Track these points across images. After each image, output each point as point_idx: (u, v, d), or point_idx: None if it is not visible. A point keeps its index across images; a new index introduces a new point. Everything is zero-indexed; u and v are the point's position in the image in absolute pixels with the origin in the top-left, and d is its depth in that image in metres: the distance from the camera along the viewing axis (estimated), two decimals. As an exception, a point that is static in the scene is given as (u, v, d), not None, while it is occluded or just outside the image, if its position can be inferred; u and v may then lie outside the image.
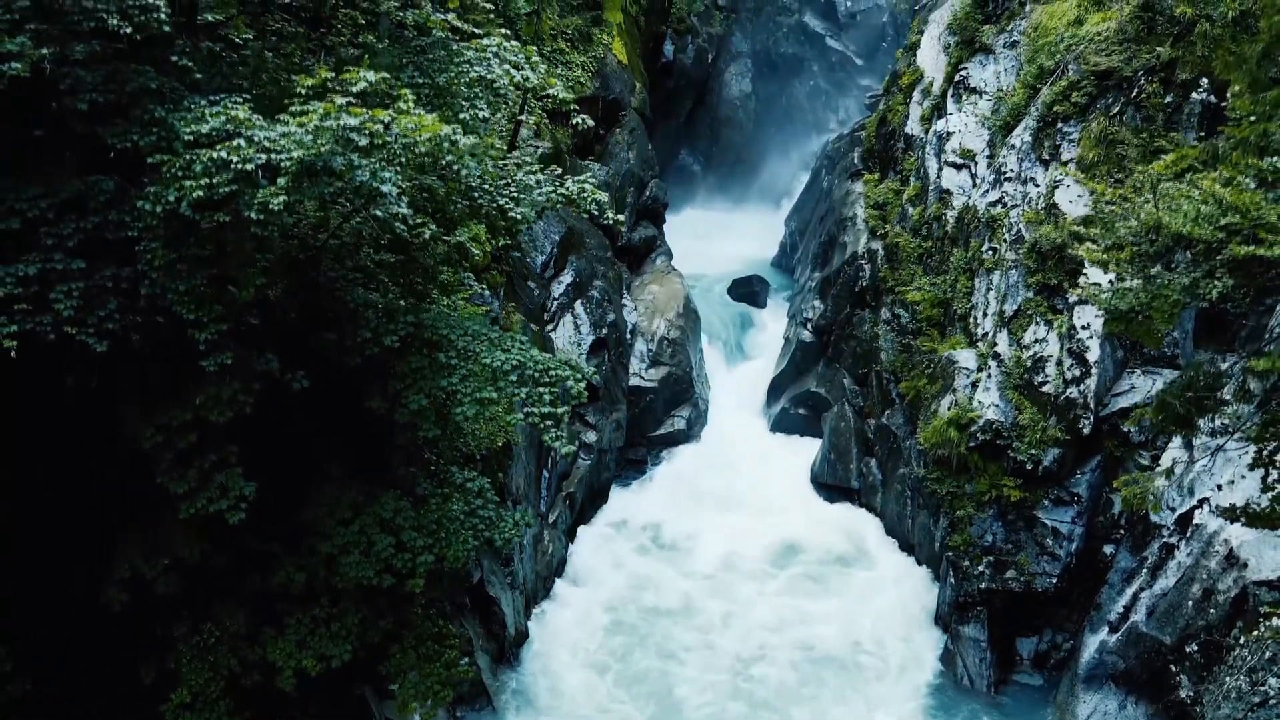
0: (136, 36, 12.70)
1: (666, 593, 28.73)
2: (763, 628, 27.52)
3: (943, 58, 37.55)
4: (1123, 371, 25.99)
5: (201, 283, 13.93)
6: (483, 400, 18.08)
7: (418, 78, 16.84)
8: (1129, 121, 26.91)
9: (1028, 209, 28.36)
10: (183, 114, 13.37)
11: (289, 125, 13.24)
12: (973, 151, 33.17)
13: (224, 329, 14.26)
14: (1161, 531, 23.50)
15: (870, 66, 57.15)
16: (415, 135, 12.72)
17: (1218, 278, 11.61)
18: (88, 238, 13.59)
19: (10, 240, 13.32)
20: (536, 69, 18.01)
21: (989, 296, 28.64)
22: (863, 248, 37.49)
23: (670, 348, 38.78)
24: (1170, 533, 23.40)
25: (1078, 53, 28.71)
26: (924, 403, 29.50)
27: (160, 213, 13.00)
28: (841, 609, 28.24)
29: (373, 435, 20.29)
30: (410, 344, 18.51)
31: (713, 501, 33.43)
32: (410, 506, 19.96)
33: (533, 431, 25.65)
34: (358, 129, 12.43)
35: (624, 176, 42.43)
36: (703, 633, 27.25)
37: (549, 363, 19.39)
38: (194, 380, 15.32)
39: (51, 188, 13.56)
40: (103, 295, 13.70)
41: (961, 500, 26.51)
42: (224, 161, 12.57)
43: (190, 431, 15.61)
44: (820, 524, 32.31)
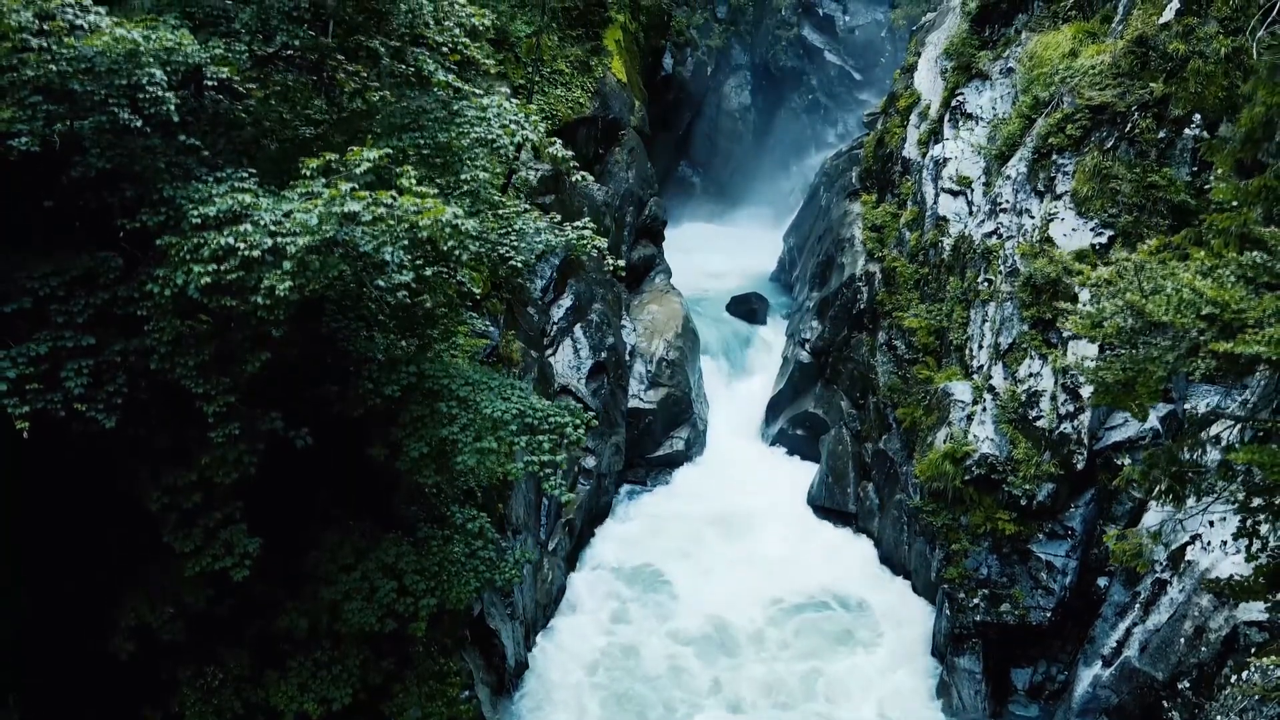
0: (147, 130, 12.95)
1: (651, 660, 28.25)
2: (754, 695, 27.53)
3: (939, 81, 37.81)
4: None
5: (208, 357, 14.20)
6: (483, 450, 18.35)
7: (419, 138, 17.10)
8: (1123, 156, 27.14)
9: (1023, 241, 28.62)
10: (190, 192, 13.65)
11: (293, 200, 13.54)
12: (969, 178, 33.43)
13: (231, 401, 14.53)
14: (1154, 567, 23.76)
15: (868, 81, 57.41)
16: (418, 219, 12.98)
17: (1201, 358, 11.89)
18: (97, 313, 13.87)
19: (22, 318, 13.60)
20: (536, 128, 18.29)
21: (984, 328, 28.92)
22: (860, 270, 37.75)
23: (669, 369, 39.01)
24: (1163, 568, 23.68)
25: (1072, 85, 28.91)
26: (920, 433, 29.79)
27: (169, 295, 13.28)
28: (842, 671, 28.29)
29: (375, 478, 20.59)
30: (411, 393, 18.80)
31: (710, 529, 33.55)
32: (412, 550, 20.29)
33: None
34: (362, 214, 12.69)
35: (623, 196, 42.63)
36: (693, 694, 27.30)
37: (548, 409, 19.68)
38: (199, 442, 15.61)
39: (61, 264, 13.86)
40: (111, 370, 14.00)
41: (957, 533, 26.80)
42: (231, 248, 12.85)
43: (196, 491, 15.93)
44: (818, 557, 32.37)
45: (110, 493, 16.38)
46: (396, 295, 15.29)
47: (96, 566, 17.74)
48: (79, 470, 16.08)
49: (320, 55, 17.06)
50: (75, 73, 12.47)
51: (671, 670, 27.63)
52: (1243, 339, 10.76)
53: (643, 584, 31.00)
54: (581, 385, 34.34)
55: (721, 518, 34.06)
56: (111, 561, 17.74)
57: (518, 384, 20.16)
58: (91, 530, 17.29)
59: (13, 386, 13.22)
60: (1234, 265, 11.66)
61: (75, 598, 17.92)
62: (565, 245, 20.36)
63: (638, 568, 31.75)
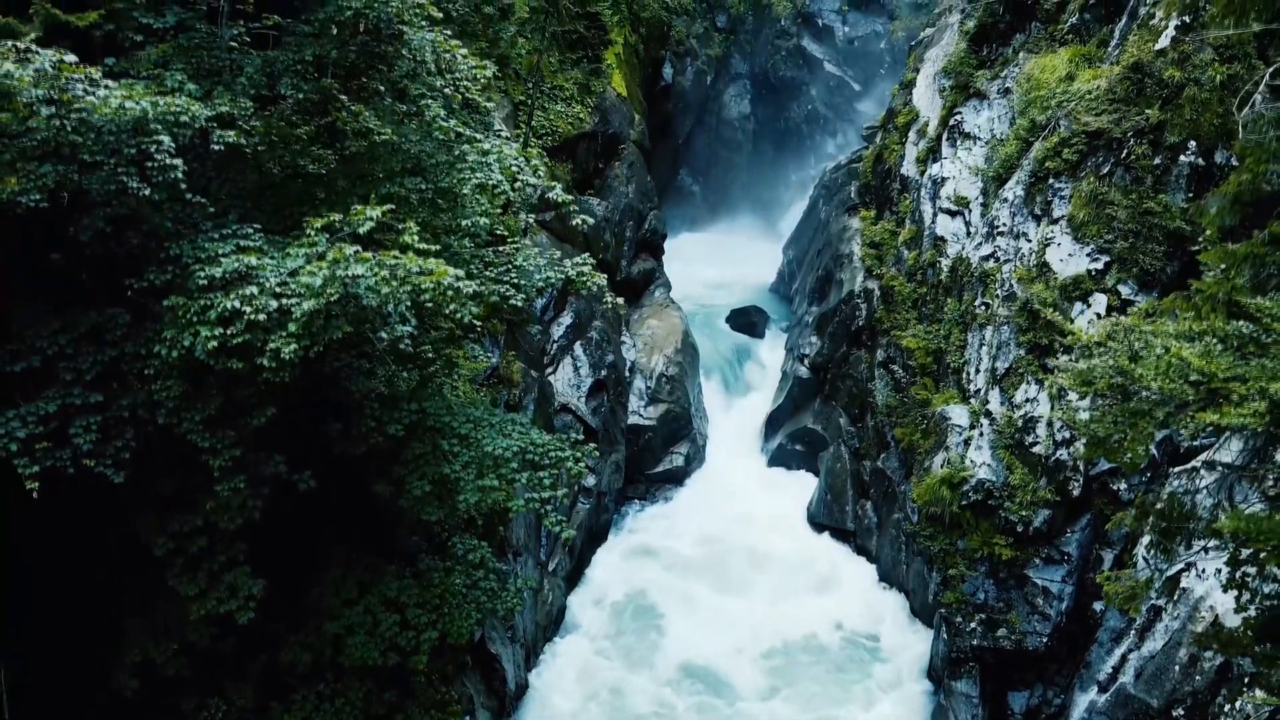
0: (155, 196, 13.15)
1: (644, 696, 28.24)
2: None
3: (938, 99, 38.00)
4: (1112, 431, 26.44)
5: (215, 411, 14.41)
6: (484, 488, 18.59)
7: (421, 182, 17.30)
8: (1119, 182, 27.31)
9: (1019, 265, 28.81)
10: (197, 251, 13.85)
11: (297, 257, 13.75)
12: (967, 199, 33.61)
13: (237, 455, 14.74)
14: (1150, 593, 23.95)
15: (868, 92, 57.58)
16: (421, 281, 13.18)
17: (1190, 415, 12.09)
18: (105, 370, 14.08)
19: (31, 376, 13.81)
20: (536, 172, 18.49)
21: (981, 352, 29.12)
22: (859, 287, 37.96)
23: (669, 384, 39.21)
24: (1158, 594, 23.87)
25: (1069, 109, 29.07)
26: (918, 457, 30.00)
27: (176, 357, 13.48)
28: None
29: (377, 511, 20.79)
30: (414, 430, 19.00)
31: (708, 550, 33.66)
32: (414, 582, 20.53)
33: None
34: (365, 277, 12.90)
35: (623, 211, 42.85)
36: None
37: (549, 444, 19.90)
38: (204, 487, 15.82)
39: (70, 321, 14.06)
40: (119, 426, 14.21)
41: (954, 557, 27.02)
42: (237, 311, 13.06)
43: (201, 536, 16.15)
44: (816, 579, 32.54)
45: (117, 536, 16.55)
46: (399, 345, 15.46)
47: (102, 605, 17.92)
48: (86, 515, 16.27)
49: (323, 97, 17.22)
50: (85, 144, 12.67)
51: (677, 698, 27.80)
52: (1228, 411, 10.96)
53: (641, 617, 30.96)
54: (581, 404, 34.54)
55: (720, 538, 34.22)
56: (117, 599, 17.91)
57: (518, 419, 20.37)
58: (97, 570, 17.47)
59: (23, 446, 13.44)
60: (1221, 334, 11.87)
61: (80, 635, 18.10)
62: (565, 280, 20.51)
63: (635, 594, 31.82)
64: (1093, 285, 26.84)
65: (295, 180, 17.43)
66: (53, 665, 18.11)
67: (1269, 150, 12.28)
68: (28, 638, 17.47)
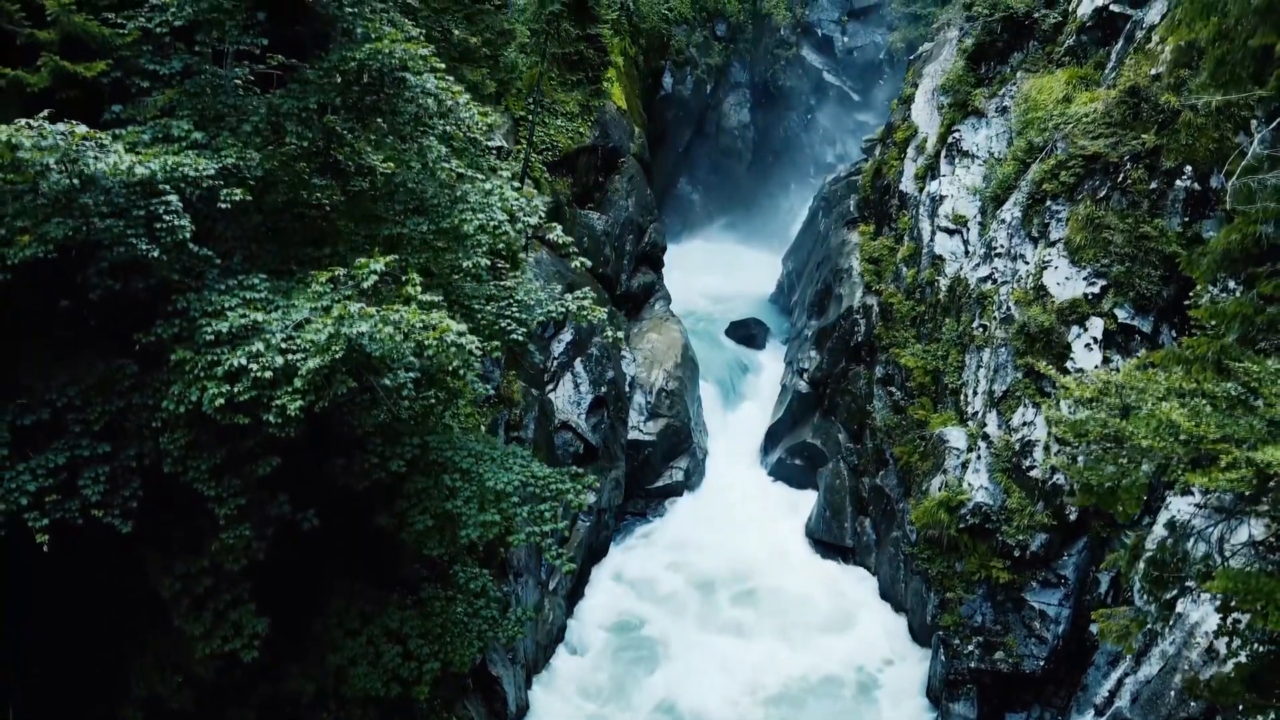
0: (162, 257, 13.34)
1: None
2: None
3: (936, 116, 38.21)
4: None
5: (220, 461, 14.61)
6: (485, 523, 18.73)
7: (423, 223, 17.49)
8: (1115, 206, 27.50)
9: (1017, 287, 28.99)
10: (204, 304, 14.05)
11: (302, 308, 13.95)
12: (965, 217, 33.81)
13: (243, 503, 14.94)
14: (1146, 617, 24.12)
15: (867, 102, 57.78)
16: (424, 337, 13.38)
17: (1180, 471, 12.29)
18: (112, 420, 14.27)
19: (41, 428, 14.00)
20: (536, 211, 18.69)
21: (979, 374, 29.31)
22: (858, 302, 38.17)
23: (669, 399, 39.40)
24: (1154, 619, 24.03)
25: (1066, 132, 29.25)
26: (916, 478, 30.19)
27: (184, 412, 13.68)
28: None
29: (379, 542, 20.97)
30: (416, 464, 19.18)
31: (706, 567, 33.73)
32: (416, 613, 20.70)
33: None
34: (369, 334, 13.09)
35: (623, 225, 43.04)
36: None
37: (550, 477, 20.06)
38: (209, 529, 16.01)
39: (78, 373, 14.26)
40: (126, 475, 14.41)
41: (952, 579, 27.22)
42: (244, 368, 13.26)
43: (207, 576, 16.35)
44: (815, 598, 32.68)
45: (124, 577, 16.75)
46: (401, 391, 15.65)
47: (108, 641, 18.10)
48: (92, 558, 16.46)
49: (326, 136, 17.40)
50: (95, 206, 12.88)
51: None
52: (1215, 476, 11.16)
53: (636, 648, 30.86)
54: (582, 421, 34.73)
55: (719, 555, 34.33)
56: (123, 636, 18.10)
57: (520, 451, 20.53)
58: (102, 608, 17.66)
59: (33, 500, 13.65)
60: (1210, 395, 12.07)
61: (86, 670, 18.29)
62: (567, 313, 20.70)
63: (632, 623, 31.77)
64: (1090, 309, 27.03)
65: (299, 219, 17.63)
66: (58, 701, 18.29)
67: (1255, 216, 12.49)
68: (33, 674, 17.67)
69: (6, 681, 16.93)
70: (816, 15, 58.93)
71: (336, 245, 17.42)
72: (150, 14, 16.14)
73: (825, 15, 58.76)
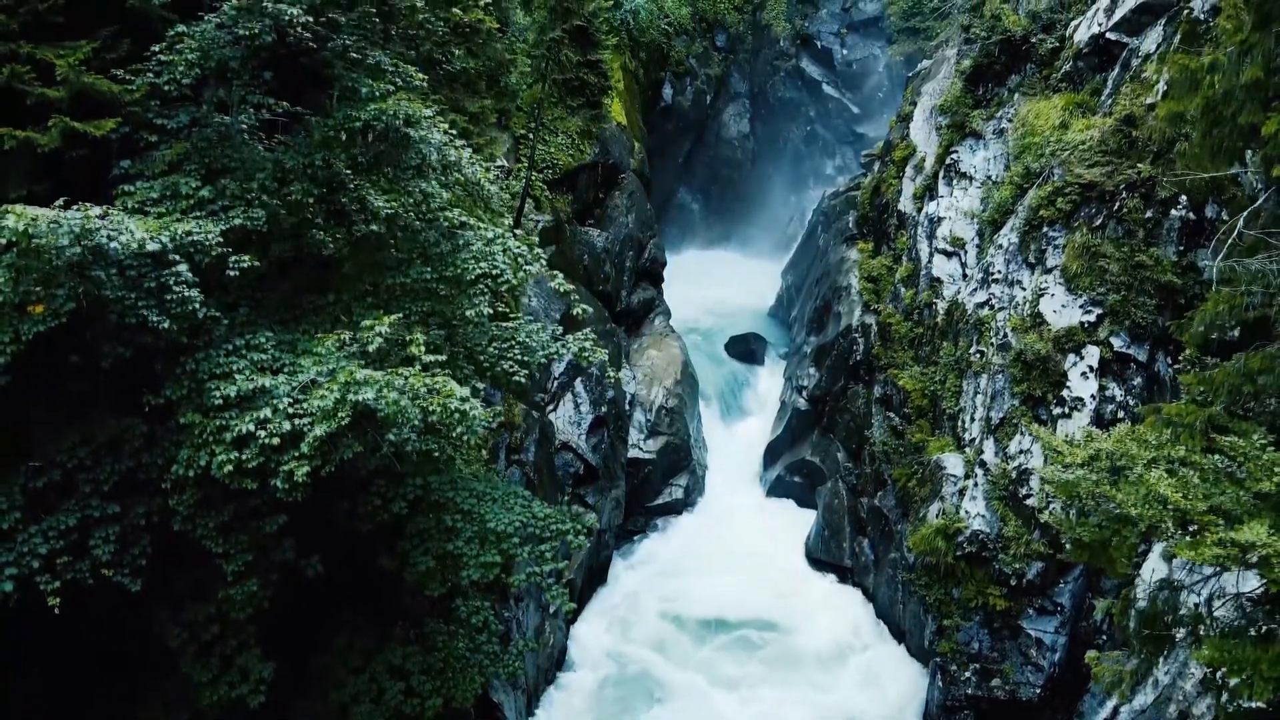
0: (172, 327, 13.60)
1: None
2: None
3: (934, 136, 38.41)
4: (1104, 482, 26.90)
5: (228, 518, 14.87)
6: (486, 564, 19.00)
7: (426, 271, 17.74)
8: (1111, 234, 27.72)
9: (1014, 314, 29.22)
10: (212, 366, 14.31)
11: (308, 369, 14.21)
12: (962, 239, 34.04)
13: (250, 559, 15.19)
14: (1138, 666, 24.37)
15: (866, 115, 57.97)
16: (429, 402, 13.63)
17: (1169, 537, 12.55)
18: (122, 480, 14.53)
19: (52, 489, 14.26)
20: (538, 259, 18.94)
21: (976, 400, 29.54)
22: (857, 321, 38.39)
23: (668, 417, 39.61)
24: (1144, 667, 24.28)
25: (1062, 159, 29.47)
26: (914, 504, 30.44)
27: (193, 476, 13.94)
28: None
29: (382, 577, 21.22)
30: (417, 505, 19.43)
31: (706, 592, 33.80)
32: (419, 649, 20.95)
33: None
34: (375, 400, 13.35)
35: (623, 241, 43.26)
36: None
37: (551, 517, 20.31)
38: (216, 577, 16.27)
39: (88, 432, 14.52)
40: (136, 534, 14.67)
41: (949, 606, 27.49)
42: (252, 434, 13.52)
43: (213, 624, 16.61)
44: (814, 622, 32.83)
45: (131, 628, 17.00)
46: (405, 446, 15.90)
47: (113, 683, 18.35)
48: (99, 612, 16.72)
49: (331, 186, 17.62)
50: (108, 279, 13.13)
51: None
52: (1203, 550, 11.41)
53: (635, 685, 30.75)
54: (582, 441, 34.96)
55: (717, 581, 34.29)
56: (129, 678, 18.34)
57: (520, 491, 20.78)
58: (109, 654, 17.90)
59: (44, 563, 13.91)
60: (1197, 469, 12.33)
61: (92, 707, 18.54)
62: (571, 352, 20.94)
63: (630, 655, 31.71)
64: (1086, 337, 27.28)
65: (303, 266, 17.87)
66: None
67: (1240, 293, 12.75)
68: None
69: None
70: (816, 27, 59.12)
71: (341, 293, 17.65)
72: (158, 69, 16.38)
73: (824, 27, 58.96)
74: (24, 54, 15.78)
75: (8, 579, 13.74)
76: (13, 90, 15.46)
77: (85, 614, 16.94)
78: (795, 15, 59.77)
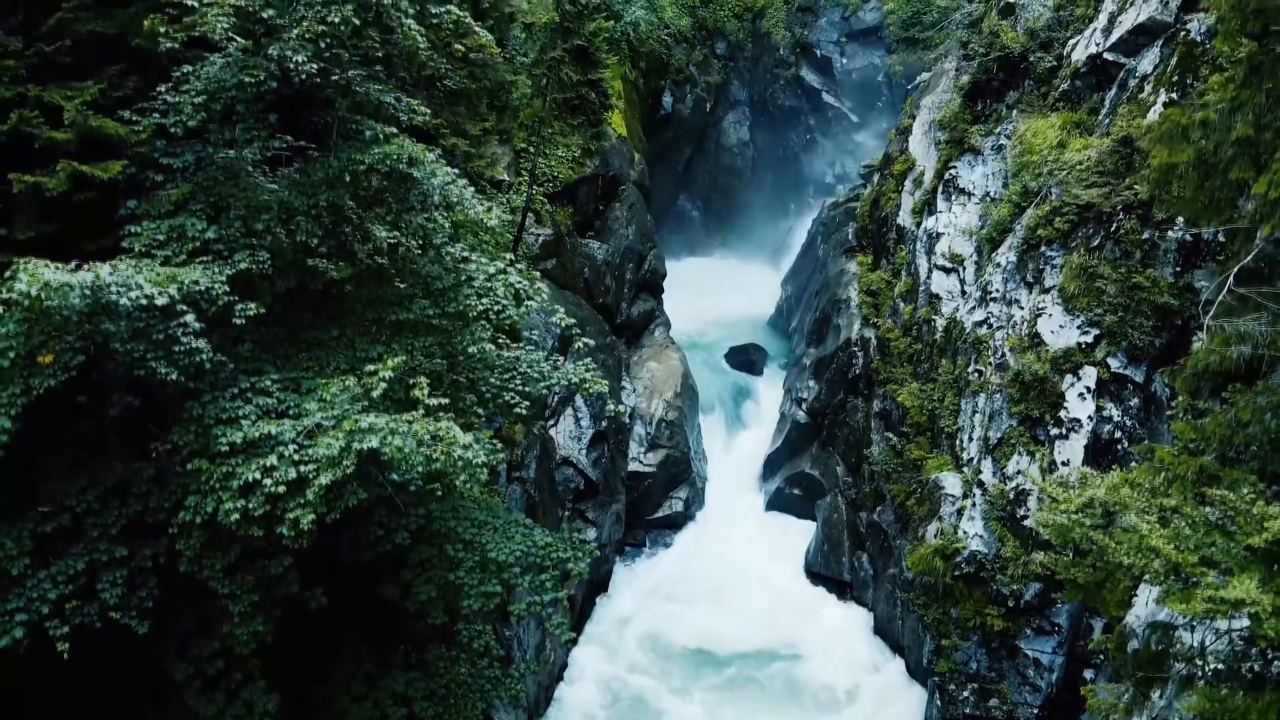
0: (180, 378, 13.80)
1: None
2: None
3: (933, 151, 38.59)
4: (1101, 503, 27.10)
5: (235, 559, 15.08)
6: (487, 594, 19.22)
7: (429, 306, 17.94)
8: (1108, 255, 27.88)
9: (1011, 334, 29.41)
10: (218, 411, 14.51)
11: (314, 412, 14.42)
12: (961, 256, 34.22)
13: (256, 600, 15.39)
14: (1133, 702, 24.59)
15: (865, 124, 58.13)
16: (432, 450, 13.84)
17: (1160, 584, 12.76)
18: (130, 523, 14.74)
19: (61, 534, 14.47)
20: (539, 294, 19.16)
21: (974, 420, 29.74)
22: (856, 334, 38.57)
23: (668, 429, 39.80)
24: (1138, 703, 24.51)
25: (1060, 179, 29.63)
26: (912, 523, 30.63)
27: (200, 523, 14.15)
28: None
29: (385, 604, 21.43)
30: (420, 534, 19.63)
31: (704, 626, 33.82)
32: (421, 675, 21.18)
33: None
34: (380, 449, 13.56)
35: (623, 253, 43.44)
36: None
37: (552, 545, 20.53)
38: (220, 612, 16.47)
39: (96, 476, 14.72)
40: (143, 576, 14.88)
41: (947, 626, 27.70)
42: (258, 481, 13.73)
43: (219, 659, 16.82)
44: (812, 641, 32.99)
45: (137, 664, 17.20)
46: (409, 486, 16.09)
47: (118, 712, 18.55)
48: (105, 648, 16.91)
49: (335, 219, 17.81)
50: (117, 332, 13.34)
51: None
52: (1194, 604, 11.61)
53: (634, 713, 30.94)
54: (582, 456, 35.17)
55: (716, 601, 34.54)
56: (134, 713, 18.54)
57: (522, 520, 21.00)
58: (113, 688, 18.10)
59: (53, 608, 14.12)
60: (1189, 519, 12.52)
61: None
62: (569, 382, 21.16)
63: (628, 682, 31.73)
64: (1083, 358, 27.47)
65: (307, 297, 18.06)
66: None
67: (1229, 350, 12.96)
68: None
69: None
70: (815, 36, 59.27)
71: (345, 328, 17.84)
72: (164, 108, 16.58)
73: (824, 36, 59.11)
74: (32, 97, 15.99)
75: (18, 625, 13.95)
76: (21, 134, 15.65)
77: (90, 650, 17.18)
78: (795, 24, 59.95)
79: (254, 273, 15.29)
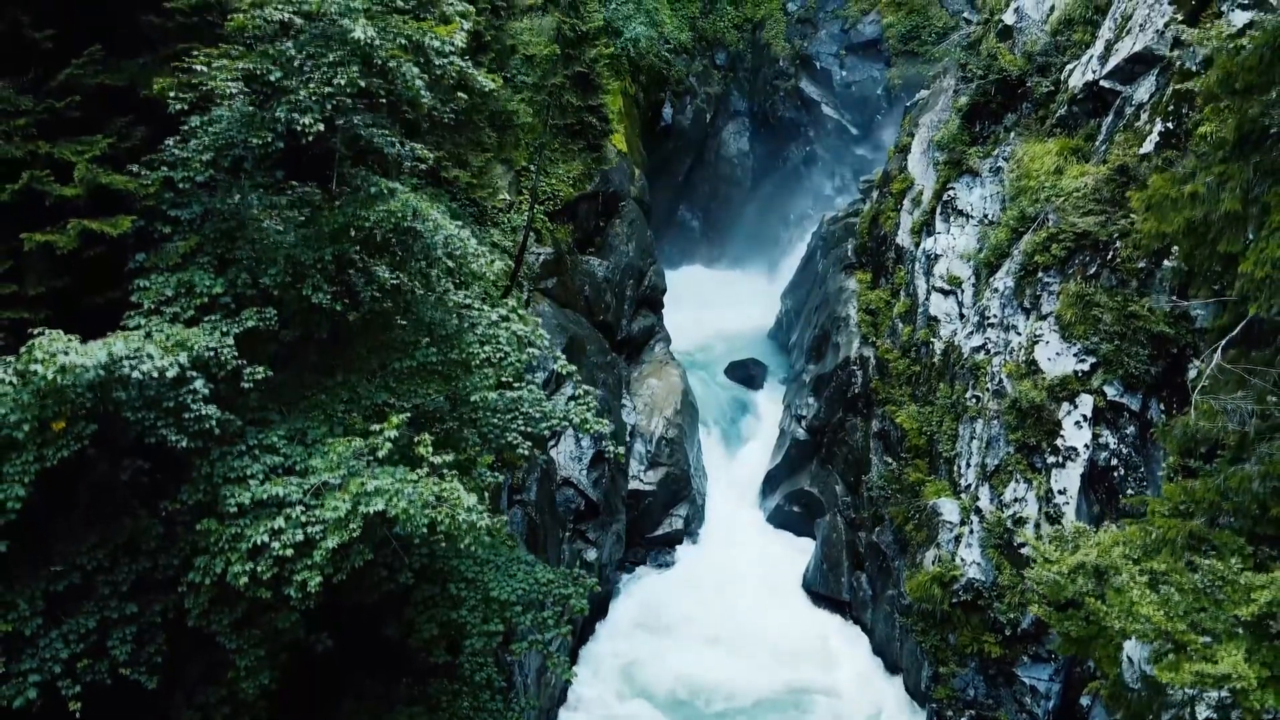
0: (191, 444, 14.06)
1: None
2: None
3: (931, 171, 38.78)
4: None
5: (242, 614, 15.35)
6: (489, 633, 19.52)
7: (433, 355, 18.19)
8: (1105, 283, 28.11)
9: (1009, 360, 29.65)
10: (227, 470, 14.78)
11: (320, 469, 14.69)
12: (959, 279, 34.45)
13: (262, 654, 15.65)
14: (1132, 697, 24.87)
15: (865, 136, 58.25)
16: (436, 513, 14.10)
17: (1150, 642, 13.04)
18: (139, 579, 15.00)
19: (71, 592, 14.73)
20: (541, 339, 19.41)
21: (972, 446, 29.99)
22: (855, 353, 38.80)
23: (668, 447, 40.04)
24: (1140, 697, 24.79)
25: (1057, 205, 29.86)
26: (910, 547, 30.89)
27: (209, 583, 14.42)
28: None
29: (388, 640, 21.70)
30: (423, 573, 19.89)
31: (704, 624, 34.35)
32: (423, 708, 21.43)
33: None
34: (386, 510, 13.83)
35: (623, 270, 43.67)
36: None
37: (553, 581, 20.84)
38: (226, 659, 16.73)
39: (106, 533, 14.98)
40: (152, 631, 15.15)
41: (945, 652, 27.97)
42: (266, 544, 14.00)
43: (225, 705, 17.08)
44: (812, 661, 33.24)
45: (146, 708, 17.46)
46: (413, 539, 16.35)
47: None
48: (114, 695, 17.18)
49: (339, 266, 18.07)
50: (128, 401, 13.60)
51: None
52: (1183, 673, 11.87)
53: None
54: (583, 476, 35.41)
55: (717, 619, 34.78)
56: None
57: (524, 556, 21.27)
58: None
59: (65, 667, 14.38)
60: (1178, 587, 12.79)
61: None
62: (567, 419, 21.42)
63: (630, 708, 32.08)
64: (1080, 386, 27.70)
65: (312, 343, 18.32)
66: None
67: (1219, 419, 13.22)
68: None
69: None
70: (815, 48, 59.40)
71: (349, 374, 18.10)
72: (173, 161, 16.84)
73: (824, 48, 59.24)
74: (43, 154, 16.23)
75: (31, 686, 14.22)
76: (32, 191, 15.89)
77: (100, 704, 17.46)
78: (794, 35, 60.13)
79: (261, 330, 15.50)
